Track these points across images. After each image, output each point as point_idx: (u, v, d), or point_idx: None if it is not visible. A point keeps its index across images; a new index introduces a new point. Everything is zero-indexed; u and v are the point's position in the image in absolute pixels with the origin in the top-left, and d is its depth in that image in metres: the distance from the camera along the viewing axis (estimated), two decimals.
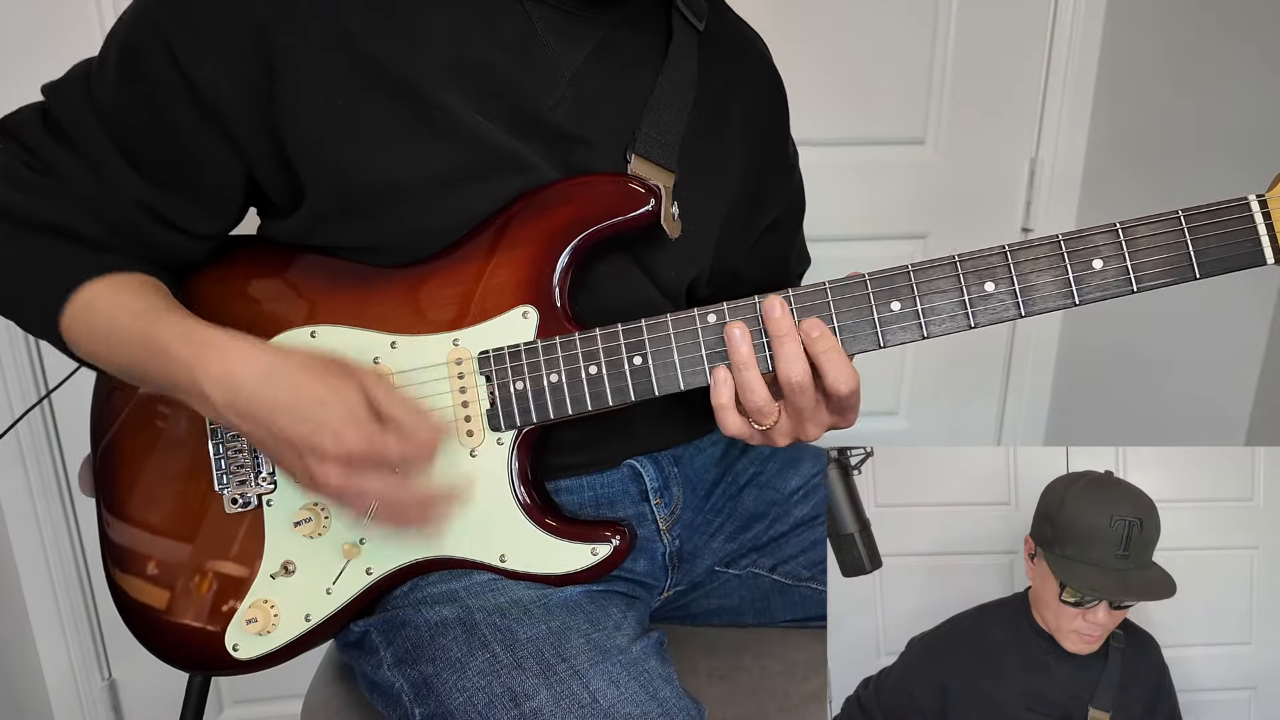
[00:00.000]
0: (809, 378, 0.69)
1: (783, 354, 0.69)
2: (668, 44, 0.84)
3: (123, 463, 0.84)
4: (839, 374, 0.69)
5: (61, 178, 0.75)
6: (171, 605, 0.81)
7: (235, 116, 0.73)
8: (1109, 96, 1.60)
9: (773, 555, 0.96)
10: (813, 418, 0.71)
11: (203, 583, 0.80)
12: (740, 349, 0.70)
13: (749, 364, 0.70)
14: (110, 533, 0.84)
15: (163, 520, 0.82)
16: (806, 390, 0.69)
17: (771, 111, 0.95)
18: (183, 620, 0.81)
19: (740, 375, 0.70)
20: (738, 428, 0.72)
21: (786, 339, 0.69)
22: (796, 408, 0.71)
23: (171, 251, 0.80)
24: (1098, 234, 0.68)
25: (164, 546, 0.82)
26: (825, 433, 0.73)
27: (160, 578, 0.82)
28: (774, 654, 0.97)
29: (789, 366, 0.69)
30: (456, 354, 0.76)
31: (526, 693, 0.70)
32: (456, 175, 0.75)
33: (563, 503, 0.84)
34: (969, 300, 0.69)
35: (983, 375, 1.77)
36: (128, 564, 0.83)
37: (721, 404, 0.72)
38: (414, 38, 0.73)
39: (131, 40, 0.73)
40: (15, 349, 1.36)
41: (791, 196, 1.00)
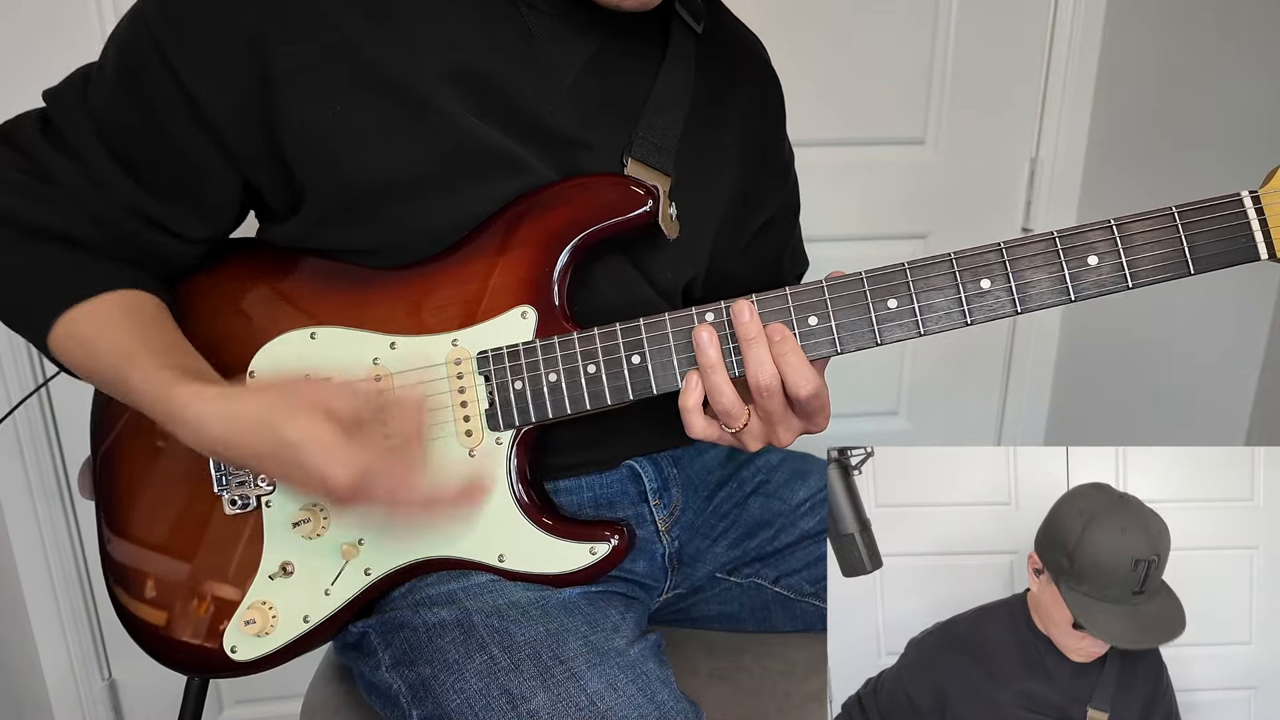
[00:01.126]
0: (777, 381, 0.70)
1: (751, 357, 0.70)
2: (665, 47, 0.84)
3: (123, 465, 0.84)
4: (798, 377, 0.69)
5: (58, 184, 0.75)
6: (169, 607, 0.81)
7: (231, 124, 0.73)
8: (1109, 96, 1.60)
9: (776, 567, 0.96)
10: (783, 421, 0.72)
11: (201, 584, 0.80)
12: (708, 352, 0.71)
13: (717, 367, 0.71)
14: (109, 535, 0.84)
15: (162, 522, 0.82)
16: (775, 394, 0.70)
17: (768, 113, 0.95)
18: (181, 622, 0.81)
19: (709, 378, 0.71)
20: (703, 430, 0.73)
21: (755, 342, 0.70)
22: (766, 411, 0.71)
23: (167, 257, 0.80)
24: (1092, 231, 0.68)
25: (163, 548, 0.82)
26: (798, 438, 0.74)
27: (159, 580, 0.82)
28: (774, 654, 0.97)
29: (758, 369, 0.70)
30: (455, 354, 0.76)
31: (524, 695, 0.70)
32: (455, 177, 0.75)
33: (561, 503, 0.84)
34: (965, 297, 0.70)
35: (983, 375, 1.77)
36: (126, 567, 0.83)
37: (688, 406, 0.72)
38: (412, 42, 0.73)
39: (128, 48, 0.73)
40: (13, 337, 1.34)
41: (786, 197, 0.99)
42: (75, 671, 1.53)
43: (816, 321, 0.72)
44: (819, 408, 0.72)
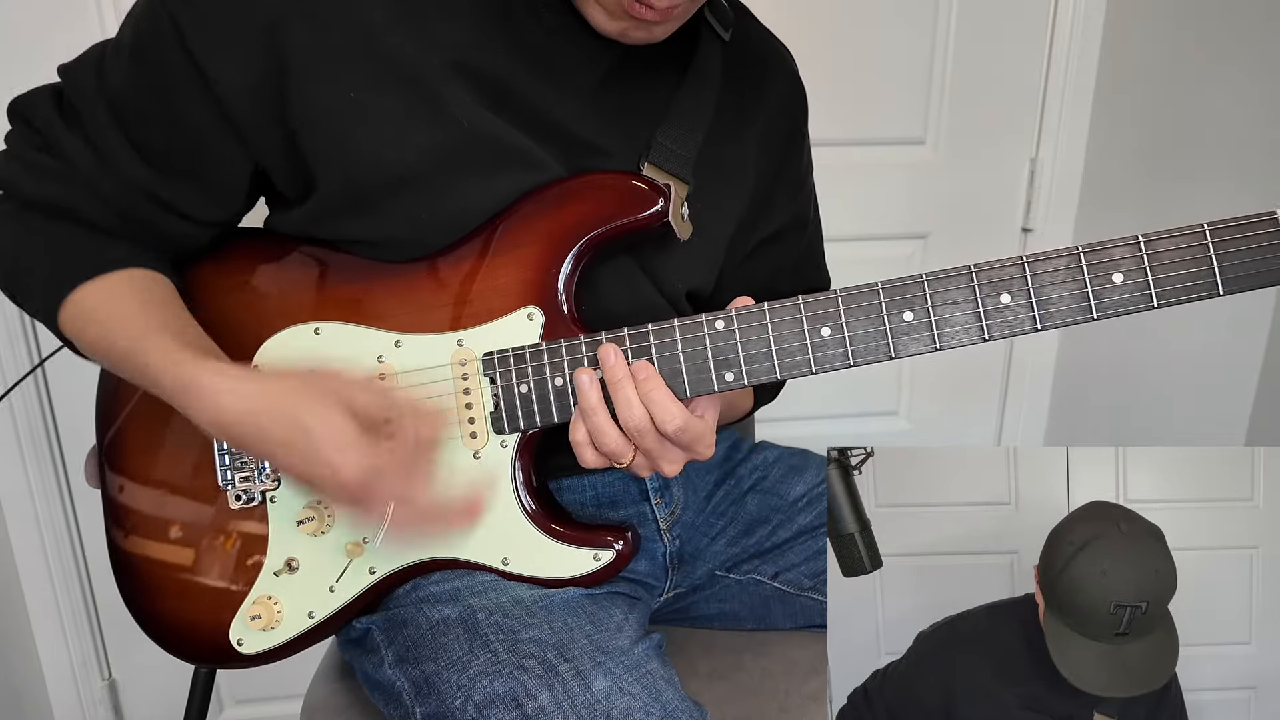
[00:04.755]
0: (647, 421, 0.69)
1: (619, 400, 0.70)
2: (692, 53, 0.83)
3: (129, 456, 0.84)
4: (663, 414, 0.69)
5: (69, 160, 0.75)
6: (177, 600, 0.81)
7: (244, 108, 0.73)
8: (1109, 97, 1.60)
9: (775, 563, 0.96)
10: (663, 455, 0.71)
11: (208, 578, 0.81)
12: (589, 395, 0.70)
13: (598, 409, 0.70)
14: (116, 527, 0.84)
15: (168, 515, 0.82)
16: (646, 433, 0.70)
17: (790, 123, 0.93)
18: (188, 615, 0.81)
19: (590, 420, 0.71)
20: (595, 461, 0.72)
21: (622, 384, 0.70)
22: (644, 448, 0.71)
23: (176, 238, 0.80)
24: (1118, 246, 0.65)
25: (170, 541, 0.82)
26: (681, 467, 0.73)
27: (166, 572, 0.82)
28: (774, 654, 0.97)
29: (626, 412, 0.69)
30: (461, 355, 0.76)
31: (528, 693, 0.70)
32: (466, 171, 0.75)
33: (563, 502, 0.84)
34: (984, 312, 0.67)
35: (983, 375, 1.77)
36: (133, 558, 0.83)
37: (578, 440, 0.72)
38: (432, 38, 0.73)
39: (144, 26, 0.73)
40: (8, 319, 1.34)
41: (798, 210, 0.96)
42: (75, 671, 1.53)
43: (829, 333, 0.70)
44: (694, 438, 0.70)
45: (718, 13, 0.85)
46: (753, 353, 0.71)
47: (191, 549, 0.81)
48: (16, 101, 0.78)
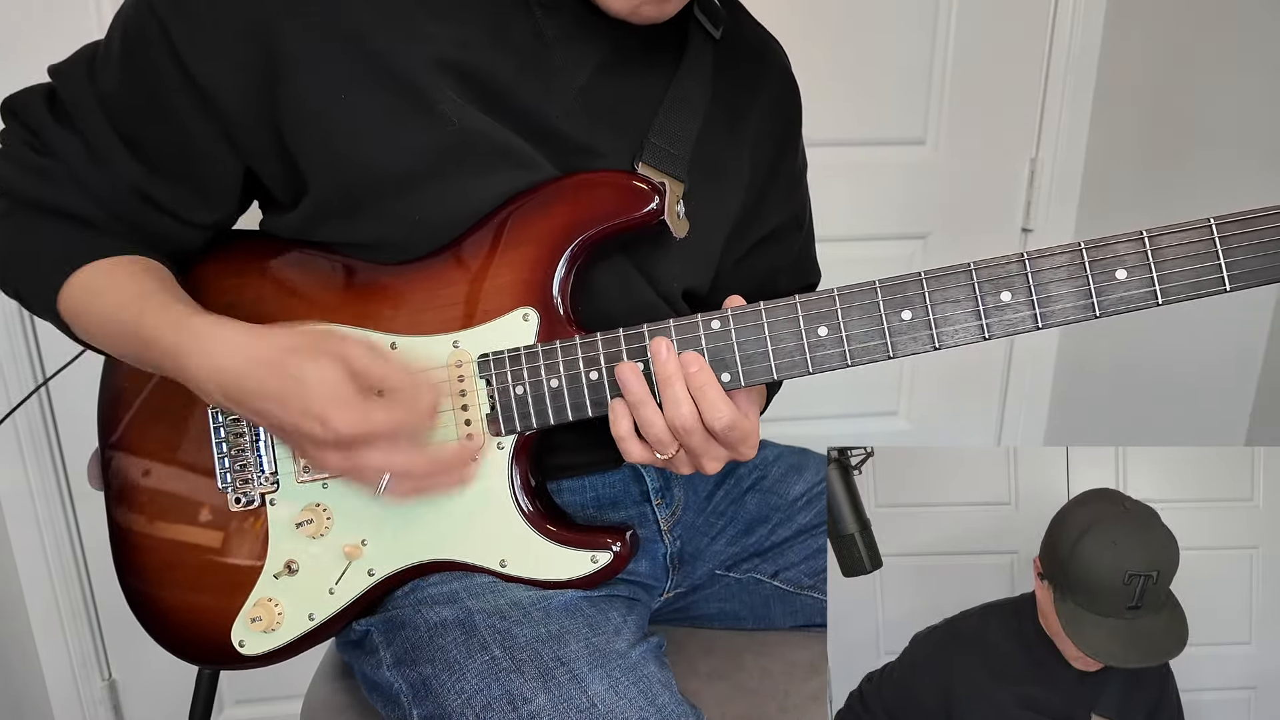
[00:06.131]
0: (696, 419, 0.69)
1: (669, 397, 0.69)
2: (682, 51, 0.83)
3: (130, 459, 0.84)
4: (711, 411, 0.69)
5: (61, 159, 0.75)
6: (179, 602, 0.82)
7: (233, 109, 0.73)
8: (1109, 96, 1.60)
9: (774, 561, 0.96)
10: (707, 453, 0.71)
11: (209, 580, 0.81)
12: (634, 388, 0.70)
13: (645, 400, 0.70)
14: (118, 529, 0.84)
15: (169, 517, 0.82)
16: (694, 431, 0.69)
17: (783, 121, 0.93)
18: (191, 617, 0.81)
19: (638, 413, 0.70)
20: (641, 455, 0.72)
21: (672, 381, 0.69)
22: (689, 446, 0.71)
23: (170, 238, 0.80)
24: (1122, 242, 0.64)
25: (171, 543, 0.82)
26: (722, 465, 0.73)
27: (168, 574, 0.82)
28: (774, 654, 0.97)
29: (675, 409, 0.69)
30: (456, 356, 0.76)
31: (525, 696, 0.70)
32: (458, 171, 0.74)
33: (564, 503, 0.84)
34: (984, 310, 0.66)
35: (983, 375, 1.77)
36: (136, 561, 0.83)
37: (621, 435, 0.72)
38: (422, 37, 0.73)
39: (132, 28, 0.73)
40: (13, 338, 1.35)
41: (793, 210, 0.96)
42: (75, 671, 1.53)
43: (826, 332, 0.69)
44: (740, 438, 0.70)
45: (708, 10, 0.85)
46: (749, 353, 0.70)
47: (194, 552, 0.81)
48: (9, 100, 0.78)
